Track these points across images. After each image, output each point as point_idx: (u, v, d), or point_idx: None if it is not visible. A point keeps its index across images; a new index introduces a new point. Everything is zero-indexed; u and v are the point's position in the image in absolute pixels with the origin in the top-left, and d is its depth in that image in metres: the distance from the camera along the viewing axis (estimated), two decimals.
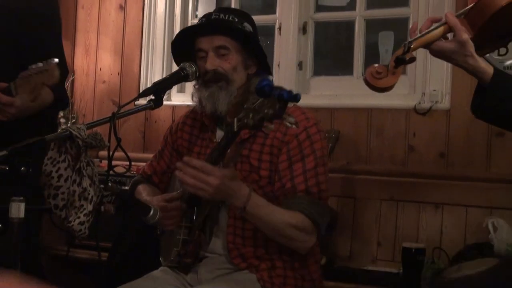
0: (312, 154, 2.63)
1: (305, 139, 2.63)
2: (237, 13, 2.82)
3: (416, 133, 4.18)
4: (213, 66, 2.66)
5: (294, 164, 2.61)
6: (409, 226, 4.10)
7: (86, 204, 2.27)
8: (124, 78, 5.06)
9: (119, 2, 5.12)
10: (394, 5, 4.56)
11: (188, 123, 2.94)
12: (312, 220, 2.55)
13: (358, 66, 4.54)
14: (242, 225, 2.66)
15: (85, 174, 2.27)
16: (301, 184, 2.59)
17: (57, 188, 2.28)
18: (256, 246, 2.68)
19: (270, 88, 2.10)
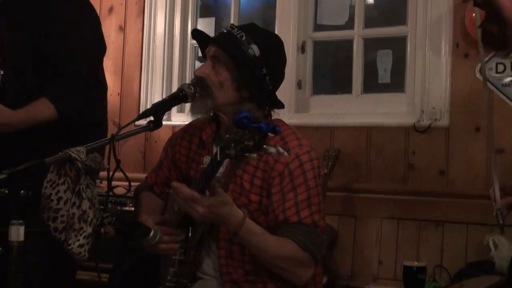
0: (304, 184, 2.54)
1: (296, 168, 2.54)
2: (255, 33, 2.66)
3: (416, 151, 4.18)
4: (200, 74, 2.60)
5: (286, 195, 2.53)
6: (410, 244, 4.10)
7: (86, 227, 2.25)
8: (124, 99, 5.07)
9: (119, 23, 5.13)
10: (392, 24, 4.58)
11: (186, 138, 2.88)
12: (308, 252, 2.47)
13: (357, 84, 4.54)
14: (231, 248, 2.61)
15: (84, 197, 2.26)
16: (293, 217, 2.50)
17: (56, 211, 2.27)
18: (247, 270, 2.62)
19: (249, 120, 2.03)
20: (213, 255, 2.68)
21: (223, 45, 2.61)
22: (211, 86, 2.59)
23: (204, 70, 2.61)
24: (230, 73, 2.60)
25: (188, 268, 2.67)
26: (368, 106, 4.47)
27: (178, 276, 2.67)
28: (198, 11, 5.15)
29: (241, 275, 2.61)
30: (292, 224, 2.49)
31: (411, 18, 4.37)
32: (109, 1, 5.17)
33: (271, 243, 2.44)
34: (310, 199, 2.53)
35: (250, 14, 5.08)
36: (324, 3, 4.76)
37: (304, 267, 2.50)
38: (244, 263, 2.61)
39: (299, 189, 2.53)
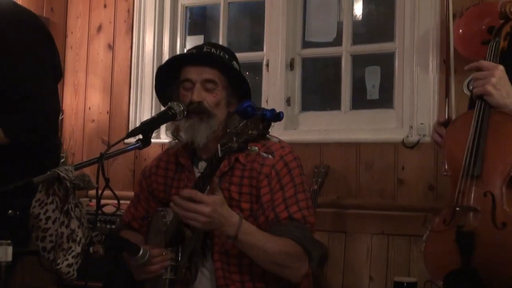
0: (291, 181, 2.57)
1: (282, 168, 2.57)
2: (226, 51, 2.78)
3: (405, 167, 4.19)
4: (200, 98, 2.61)
5: (275, 195, 2.55)
6: (400, 260, 4.10)
7: (75, 246, 2.25)
8: (113, 117, 5.06)
9: (108, 41, 5.13)
10: (379, 41, 4.60)
11: (162, 166, 2.87)
12: (302, 246, 2.48)
13: (346, 101, 4.55)
14: (228, 260, 2.60)
15: (73, 216, 2.25)
16: (283, 212, 2.51)
17: (45, 230, 2.26)
18: (244, 282, 2.61)
19: (253, 108, 2.10)
20: (208, 271, 2.66)
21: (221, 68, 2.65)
22: (209, 108, 2.62)
23: (201, 95, 2.63)
24: (226, 92, 2.67)
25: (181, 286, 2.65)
26: (357, 122, 4.48)
27: None
28: (187, 29, 5.16)
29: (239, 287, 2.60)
30: (283, 221, 2.50)
31: (399, 34, 4.38)
32: (97, 20, 5.18)
33: (269, 240, 2.44)
34: (297, 195, 2.56)
35: (238, 32, 5.10)
36: (312, 20, 4.77)
37: (300, 261, 2.51)
38: (242, 274, 2.60)
39: (286, 187, 2.56)
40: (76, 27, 5.23)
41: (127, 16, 5.09)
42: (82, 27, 5.21)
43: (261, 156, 2.52)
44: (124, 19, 5.10)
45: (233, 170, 2.64)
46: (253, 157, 2.60)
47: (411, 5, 4.27)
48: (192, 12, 5.22)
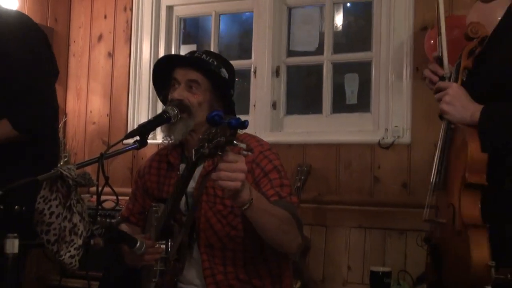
0: (274, 169, 2.55)
1: (262, 159, 2.56)
2: (218, 58, 2.76)
3: (381, 166, 4.21)
4: (180, 97, 2.60)
5: (260, 180, 2.53)
6: (376, 251, 4.12)
7: (76, 239, 2.24)
8: (112, 119, 5.05)
9: (108, 49, 5.12)
10: (358, 50, 4.60)
11: (154, 165, 2.86)
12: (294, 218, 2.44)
13: (327, 105, 4.55)
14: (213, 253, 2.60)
15: (75, 211, 2.24)
16: (270, 190, 2.48)
17: (49, 224, 2.25)
18: (228, 273, 2.60)
19: (220, 117, 2.08)
20: (196, 263, 2.66)
21: (202, 69, 2.63)
22: (190, 107, 2.60)
23: (182, 93, 2.61)
24: (208, 94, 2.63)
25: (169, 278, 2.65)
26: (336, 125, 4.48)
27: (160, 286, 2.65)
28: (181, 39, 5.15)
29: (223, 278, 2.59)
30: (272, 197, 2.46)
31: (376, 44, 4.39)
32: (98, 30, 5.17)
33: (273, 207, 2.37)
34: (282, 180, 2.54)
35: (228, 41, 5.09)
36: (296, 31, 4.77)
37: (296, 230, 2.46)
38: (225, 266, 2.59)
39: (270, 174, 2.53)
40: (79, 36, 5.22)
41: (126, 26, 5.08)
42: (84, 37, 5.20)
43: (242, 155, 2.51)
44: (123, 29, 5.09)
45: None
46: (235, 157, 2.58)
47: (386, 17, 4.28)
48: (186, 23, 5.21)
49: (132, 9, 5.07)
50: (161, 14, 5.07)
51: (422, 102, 4.04)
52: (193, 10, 5.10)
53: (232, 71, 2.77)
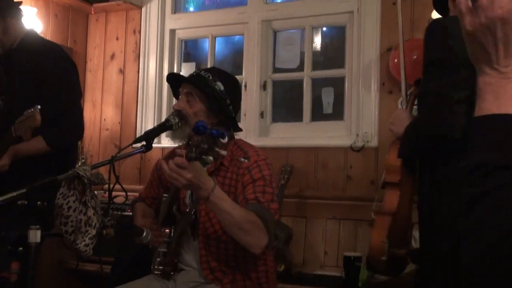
0: (261, 178, 2.50)
1: (255, 168, 2.53)
2: (217, 73, 2.70)
3: (352, 166, 4.21)
4: (178, 107, 2.61)
5: (247, 186, 2.50)
6: (348, 238, 4.11)
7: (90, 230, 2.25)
8: (123, 126, 5.04)
9: (119, 66, 5.11)
10: (333, 67, 4.60)
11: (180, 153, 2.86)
12: (263, 220, 2.38)
13: (307, 114, 4.55)
14: (209, 242, 2.59)
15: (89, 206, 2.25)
16: (251, 195, 2.45)
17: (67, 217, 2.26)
18: (220, 261, 2.59)
19: (204, 127, 2.12)
20: (194, 249, 2.66)
21: (196, 83, 2.62)
22: (187, 116, 2.59)
23: (181, 104, 2.62)
24: (203, 105, 2.61)
25: (170, 258, 2.66)
26: (315, 131, 4.48)
27: (163, 265, 2.66)
28: (182, 57, 5.13)
29: (216, 265, 2.59)
30: (251, 201, 2.44)
31: (348, 63, 4.40)
32: (111, 50, 5.16)
33: (236, 208, 2.35)
34: (265, 187, 2.49)
35: (222, 60, 5.09)
36: (281, 50, 4.77)
37: (260, 232, 2.38)
38: (219, 255, 2.58)
39: (257, 182, 2.50)
40: (94, 55, 5.20)
41: (135, 47, 5.07)
42: (98, 55, 5.19)
43: (239, 161, 2.52)
44: (133, 49, 5.08)
45: (219, 171, 2.61)
46: (235, 162, 2.58)
47: (357, 40, 4.30)
48: (186, 44, 5.20)
49: (140, 32, 5.05)
50: (165, 37, 5.05)
51: (387, 112, 4.04)
52: (193, 33, 5.09)
53: (231, 85, 2.71)
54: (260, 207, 2.43)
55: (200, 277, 2.63)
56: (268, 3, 4.74)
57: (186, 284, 2.64)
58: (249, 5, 4.77)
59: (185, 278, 2.66)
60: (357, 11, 4.32)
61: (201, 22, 4.98)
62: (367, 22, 4.24)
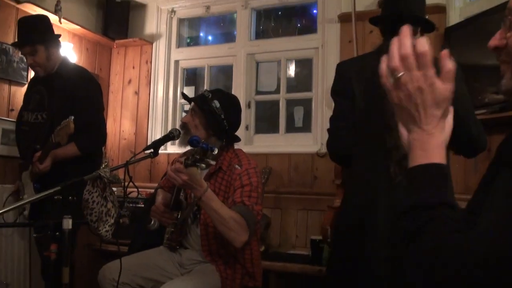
0: (249, 184, 2.49)
1: (245, 175, 2.52)
2: (217, 94, 2.69)
3: (318, 168, 4.23)
4: (184, 120, 2.66)
5: (236, 190, 2.48)
6: (314, 225, 4.13)
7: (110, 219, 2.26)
8: (137, 137, 5.04)
9: (135, 89, 5.12)
10: (303, 90, 4.62)
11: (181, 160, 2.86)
12: (245, 220, 2.36)
13: (282, 127, 4.58)
14: (208, 229, 2.59)
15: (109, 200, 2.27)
16: (238, 198, 2.44)
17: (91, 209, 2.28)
18: (218, 247, 2.59)
19: (197, 141, 2.14)
20: (196, 234, 2.66)
21: (197, 101, 2.66)
22: (190, 127, 2.62)
23: (186, 118, 2.68)
24: (202, 119, 2.63)
25: (176, 236, 2.68)
26: (289, 141, 4.51)
27: (170, 240, 2.69)
28: (184, 82, 5.15)
29: (215, 249, 2.59)
30: (238, 203, 2.44)
31: (314, 87, 4.43)
32: (128, 76, 5.17)
33: (224, 208, 2.35)
34: (251, 192, 2.48)
35: (216, 84, 5.10)
36: (262, 76, 4.79)
37: (243, 230, 2.36)
38: (216, 240, 2.57)
39: (245, 187, 2.49)
40: (115, 80, 5.21)
41: (147, 74, 5.08)
42: (119, 80, 5.20)
43: (234, 168, 2.53)
44: (145, 76, 5.09)
45: (218, 173, 2.61)
46: (231, 167, 2.58)
47: (322, 69, 4.34)
48: (187, 71, 5.22)
49: (151, 62, 5.07)
50: (170, 66, 5.07)
51: None
52: (193, 63, 5.10)
53: (228, 103, 2.68)
54: (245, 209, 2.41)
55: (200, 257, 2.63)
56: (252, 40, 4.78)
57: (189, 260, 2.66)
58: (237, 42, 4.81)
59: (189, 255, 2.68)
60: (321, 47, 4.37)
61: (200, 55, 5.00)
62: (329, 55, 4.29)
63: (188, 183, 2.27)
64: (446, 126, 1.01)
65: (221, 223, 2.34)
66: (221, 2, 4.87)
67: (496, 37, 1.08)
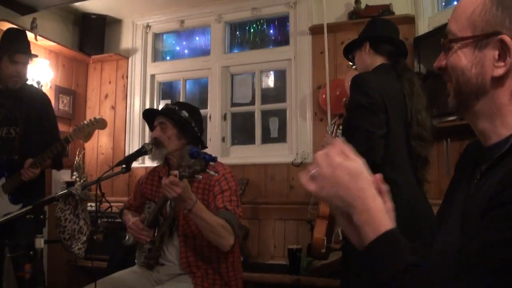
0: (229, 189, 2.54)
1: (223, 181, 2.55)
2: (182, 105, 2.75)
3: (294, 178, 4.24)
4: (155, 135, 2.64)
5: (217, 196, 2.52)
6: (292, 235, 4.14)
7: (82, 237, 2.25)
8: (115, 151, 5.00)
9: (111, 104, 5.10)
10: (277, 101, 4.63)
11: (149, 178, 2.84)
12: (231, 225, 2.43)
13: (258, 138, 4.59)
14: (187, 241, 2.58)
15: (81, 217, 2.26)
16: (220, 204, 2.49)
17: (64, 227, 2.27)
18: (197, 256, 2.58)
19: (198, 153, 2.18)
20: (175, 248, 2.63)
21: (167, 114, 2.67)
22: (162, 141, 2.62)
23: (156, 133, 2.65)
24: (174, 130, 2.65)
25: (154, 253, 2.63)
26: (265, 151, 4.52)
27: (147, 258, 2.64)
28: (160, 96, 5.14)
29: (193, 260, 2.57)
30: (221, 209, 2.47)
31: (289, 97, 4.46)
32: (105, 91, 5.14)
33: (212, 217, 2.38)
34: (231, 197, 2.53)
35: (192, 97, 5.10)
36: (237, 89, 4.80)
37: (230, 234, 2.43)
38: (195, 252, 2.57)
39: (225, 192, 2.53)
40: (92, 95, 5.19)
41: (123, 89, 5.07)
42: (95, 95, 5.17)
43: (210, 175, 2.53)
44: (122, 90, 5.08)
45: (193, 182, 2.58)
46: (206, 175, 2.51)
47: (295, 80, 4.37)
48: (164, 85, 5.21)
49: (128, 77, 5.06)
50: (147, 80, 5.06)
51: (319, 135, 4.12)
52: (168, 77, 5.10)
53: (193, 112, 2.73)
54: (228, 214, 2.45)
55: (179, 270, 2.61)
56: (226, 53, 4.80)
57: (168, 275, 2.63)
58: (212, 55, 4.82)
59: (167, 271, 2.64)
60: (294, 59, 4.40)
61: (175, 68, 5.00)
62: (302, 66, 4.33)
63: (182, 196, 2.29)
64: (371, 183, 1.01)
65: (211, 231, 2.39)
66: (195, 16, 4.89)
67: (439, 59, 1.12)
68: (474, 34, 1.06)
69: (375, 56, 2.58)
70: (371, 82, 2.40)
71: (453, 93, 1.10)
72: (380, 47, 2.58)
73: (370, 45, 2.59)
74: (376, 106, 2.33)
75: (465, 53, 1.07)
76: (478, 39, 1.05)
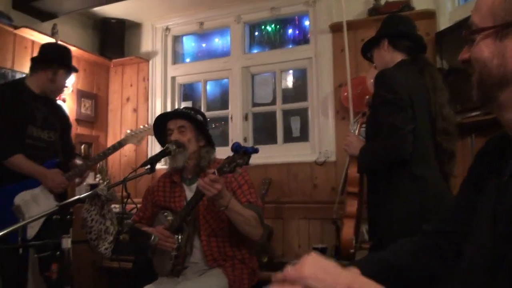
0: (245, 183, 2.59)
1: (238, 176, 2.57)
2: (194, 109, 2.81)
3: (317, 177, 4.22)
4: (175, 138, 2.63)
5: (237, 191, 2.56)
6: (316, 234, 4.12)
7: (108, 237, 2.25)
8: (138, 153, 5.03)
9: (133, 107, 5.13)
10: (299, 101, 4.60)
11: (161, 185, 2.82)
12: (259, 216, 2.49)
13: (280, 138, 4.57)
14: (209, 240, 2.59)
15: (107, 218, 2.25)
16: (243, 198, 2.53)
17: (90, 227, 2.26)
18: (221, 253, 2.60)
19: (240, 146, 2.20)
20: (198, 247, 2.63)
21: (187, 118, 2.67)
22: (183, 144, 2.62)
23: (176, 136, 2.64)
24: (193, 133, 2.67)
25: (181, 259, 2.61)
26: (287, 151, 4.50)
27: (175, 265, 2.61)
28: (181, 98, 5.16)
29: (218, 256, 2.60)
30: (244, 203, 2.51)
31: (310, 96, 4.43)
32: (127, 94, 5.18)
33: (245, 210, 2.43)
34: (250, 189, 2.58)
35: (213, 98, 5.12)
36: (258, 89, 4.80)
37: (259, 224, 2.50)
38: (218, 248, 2.60)
39: (243, 187, 2.57)
40: (114, 98, 5.22)
41: (145, 91, 5.09)
42: (117, 99, 5.20)
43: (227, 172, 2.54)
44: (143, 93, 5.10)
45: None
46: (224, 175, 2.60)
47: (316, 79, 4.34)
48: (185, 87, 5.22)
49: (149, 79, 5.08)
50: (167, 82, 5.08)
51: (342, 133, 4.08)
52: (189, 79, 5.11)
53: (204, 116, 2.79)
54: (254, 206, 2.51)
55: (206, 266, 2.61)
56: (246, 53, 4.79)
57: (195, 273, 2.62)
58: (232, 56, 4.81)
59: (193, 270, 2.64)
60: (314, 57, 4.37)
61: (195, 70, 5.01)
62: (323, 65, 4.30)
63: (221, 193, 2.32)
64: None
65: (246, 223, 2.44)
66: (214, 18, 4.88)
67: (463, 52, 1.10)
68: (494, 24, 1.03)
69: (395, 53, 2.54)
70: (397, 78, 2.36)
71: (476, 86, 1.08)
72: (399, 43, 2.53)
73: (388, 42, 2.54)
74: (404, 102, 2.28)
75: (487, 44, 1.04)
76: (499, 29, 1.02)
